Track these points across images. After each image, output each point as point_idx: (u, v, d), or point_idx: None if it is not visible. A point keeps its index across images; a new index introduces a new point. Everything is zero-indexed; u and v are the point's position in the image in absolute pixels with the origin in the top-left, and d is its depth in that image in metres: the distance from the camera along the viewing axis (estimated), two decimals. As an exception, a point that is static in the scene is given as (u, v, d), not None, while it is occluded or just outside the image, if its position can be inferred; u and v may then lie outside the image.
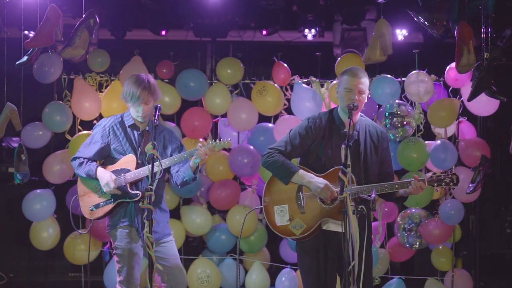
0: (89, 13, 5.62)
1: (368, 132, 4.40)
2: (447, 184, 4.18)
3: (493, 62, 5.51)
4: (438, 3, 5.51)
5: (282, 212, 4.33)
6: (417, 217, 6.33)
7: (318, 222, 4.25)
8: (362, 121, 4.42)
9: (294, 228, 4.30)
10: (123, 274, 4.67)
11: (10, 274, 7.14)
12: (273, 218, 4.36)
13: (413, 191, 4.18)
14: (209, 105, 6.55)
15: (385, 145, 4.45)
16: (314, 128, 4.38)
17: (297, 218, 4.29)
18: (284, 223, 4.32)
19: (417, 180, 4.16)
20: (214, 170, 6.55)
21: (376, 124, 4.52)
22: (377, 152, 4.39)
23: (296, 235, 4.29)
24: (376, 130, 4.44)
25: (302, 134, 4.38)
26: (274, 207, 4.37)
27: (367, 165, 4.33)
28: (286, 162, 4.34)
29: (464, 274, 6.43)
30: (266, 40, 7.20)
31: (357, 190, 4.19)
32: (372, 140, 4.39)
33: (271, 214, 4.37)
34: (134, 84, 4.62)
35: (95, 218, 4.79)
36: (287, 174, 4.32)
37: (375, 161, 4.37)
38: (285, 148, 4.39)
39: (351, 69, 4.37)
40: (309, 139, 4.37)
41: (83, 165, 4.72)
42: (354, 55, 6.44)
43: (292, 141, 4.40)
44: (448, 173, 4.19)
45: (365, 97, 4.33)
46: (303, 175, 4.30)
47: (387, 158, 4.46)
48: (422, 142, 6.26)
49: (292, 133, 4.43)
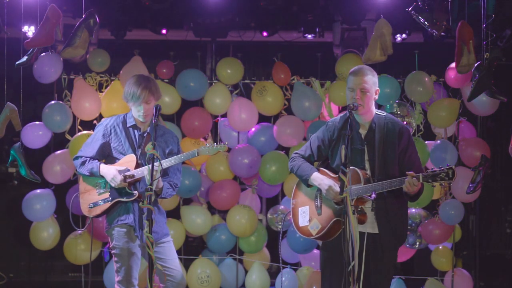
0: (89, 13, 5.62)
1: (386, 129, 4.32)
2: (442, 179, 4.05)
3: (493, 62, 5.51)
4: (438, 3, 5.51)
5: (304, 213, 4.43)
6: (417, 217, 6.33)
7: (330, 222, 4.27)
8: (380, 118, 4.35)
9: (312, 229, 4.36)
10: (122, 273, 4.67)
11: (10, 274, 7.15)
12: (297, 220, 4.45)
13: (406, 189, 4.11)
14: (209, 105, 6.55)
15: (405, 140, 4.32)
16: (330, 130, 4.42)
17: (315, 219, 4.36)
18: (305, 223, 4.40)
19: (411, 176, 4.12)
20: (214, 170, 6.55)
21: (397, 120, 4.41)
22: (395, 149, 4.29)
23: (313, 235, 4.35)
24: (395, 126, 4.34)
25: (320, 138, 4.46)
26: (298, 208, 4.47)
27: (385, 162, 4.26)
28: (303, 165, 4.42)
29: (464, 274, 6.43)
30: (266, 40, 7.18)
31: (360, 191, 4.18)
32: (390, 137, 4.30)
33: (296, 216, 4.47)
34: (135, 83, 4.65)
35: (93, 216, 4.80)
36: (304, 177, 4.41)
37: (393, 158, 4.28)
38: (304, 152, 4.50)
39: (354, 68, 4.36)
40: (326, 141, 4.43)
41: (86, 164, 4.74)
42: (354, 55, 6.44)
43: (311, 145, 4.49)
44: (443, 168, 4.07)
45: (369, 95, 4.27)
46: (315, 177, 4.35)
47: (411, 154, 4.33)
48: (422, 142, 6.26)
49: (313, 137, 4.53)
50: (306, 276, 6.38)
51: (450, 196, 6.36)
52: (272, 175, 6.42)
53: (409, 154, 4.32)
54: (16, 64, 5.62)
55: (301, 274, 6.44)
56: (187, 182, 6.27)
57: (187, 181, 6.27)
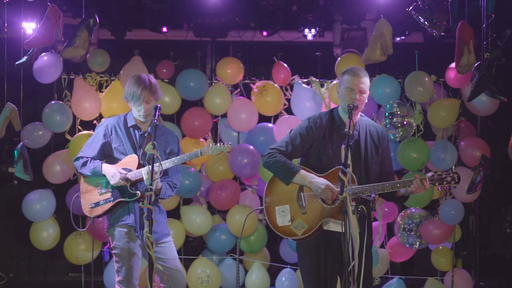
0: (89, 13, 5.62)
1: (369, 132, 4.40)
2: (448, 183, 4.16)
3: (493, 62, 5.51)
4: (438, 3, 5.51)
5: (284, 212, 4.33)
6: (417, 217, 6.33)
7: (319, 222, 4.25)
8: (362, 121, 4.42)
9: (295, 229, 4.29)
10: (122, 274, 4.67)
11: (10, 274, 7.15)
12: (275, 219, 4.35)
13: (415, 190, 4.17)
14: (209, 105, 6.55)
15: (385, 144, 4.45)
16: (314, 128, 4.37)
17: (299, 219, 4.29)
18: (286, 223, 4.31)
19: (419, 179, 4.16)
20: (214, 170, 6.55)
21: (376, 124, 4.53)
22: (378, 152, 4.39)
23: (298, 235, 4.28)
24: (377, 130, 4.44)
25: (303, 134, 4.37)
26: (275, 207, 4.36)
27: (368, 164, 4.33)
28: (287, 162, 4.34)
29: (464, 274, 6.43)
30: (266, 40, 7.20)
31: (357, 190, 4.19)
32: (372, 140, 4.38)
33: (272, 215, 4.36)
34: (135, 83, 4.65)
35: (95, 216, 4.80)
36: (289, 175, 4.31)
37: (375, 160, 4.36)
38: (286, 148, 4.38)
39: (353, 68, 4.38)
40: (310, 139, 4.36)
41: (87, 164, 4.74)
42: (354, 55, 6.44)
43: (293, 141, 4.39)
44: (450, 172, 4.19)
45: (365, 97, 4.33)
46: (304, 175, 4.30)
47: (388, 158, 4.47)
48: (422, 142, 6.26)
49: (293, 133, 4.42)
50: (306, 276, 6.38)
51: (450, 196, 6.36)
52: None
53: (387, 157, 4.46)
54: (16, 64, 5.62)
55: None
56: (187, 182, 6.27)
57: (187, 181, 6.27)
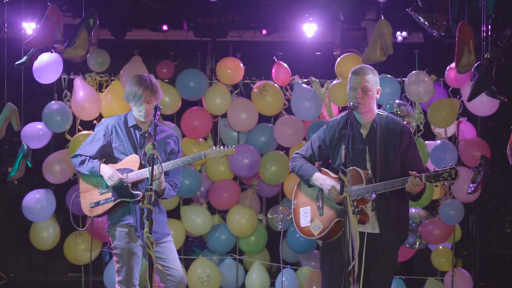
0: (89, 13, 5.62)
1: (387, 129, 4.31)
2: (445, 179, 4.04)
3: (493, 62, 5.51)
4: (438, 3, 5.51)
5: (306, 213, 4.41)
6: (417, 217, 6.33)
7: (332, 222, 4.26)
8: (381, 118, 4.34)
9: (313, 229, 4.35)
10: (122, 274, 4.67)
11: (10, 274, 7.15)
12: (299, 220, 4.44)
13: (409, 189, 4.11)
14: (209, 105, 6.55)
15: (406, 141, 4.32)
16: (331, 129, 4.41)
17: (316, 219, 4.35)
18: (307, 224, 4.39)
19: (414, 176, 4.12)
20: (214, 170, 6.55)
21: (398, 120, 4.40)
22: (398, 149, 4.29)
23: (315, 235, 4.35)
24: (396, 126, 4.33)
25: (321, 137, 4.45)
26: (300, 209, 4.46)
27: (386, 162, 4.25)
28: (305, 165, 4.41)
29: (464, 274, 6.43)
30: (266, 40, 7.19)
31: (359, 191, 4.18)
32: (392, 137, 4.30)
33: (297, 216, 4.45)
34: (136, 83, 4.65)
35: (95, 216, 4.79)
36: (306, 178, 4.39)
37: (394, 158, 4.27)
38: (305, 152, 4.49)
39: (356, 68, 4.36)
40: (327, 141, 4.42)
41: (85, 163, 4.73)
42: (354, 55, 6.43)
43: (312, 145, 4.48)
44: (446, 168, 4.07)
45: (371, 94, 4.26)
46: (317, 177, 4.34)
47: (412, 154, 4.32)
48: (422, 142, 6.26)
49: (313, 136, 4.52)
50: (306, 276, 6.38)
51: (450, 196, 6.36)
52: (272, 175, 6.42)
53: (410, 155, 4.32)
54: (16, 64, 5.62)
55: (301, 274, 6.45)
56: (187, 182, 6.27)
57: (187, 181, 6.27)
